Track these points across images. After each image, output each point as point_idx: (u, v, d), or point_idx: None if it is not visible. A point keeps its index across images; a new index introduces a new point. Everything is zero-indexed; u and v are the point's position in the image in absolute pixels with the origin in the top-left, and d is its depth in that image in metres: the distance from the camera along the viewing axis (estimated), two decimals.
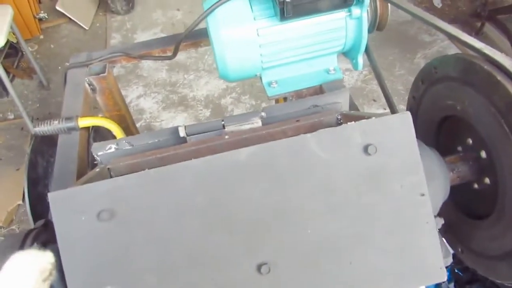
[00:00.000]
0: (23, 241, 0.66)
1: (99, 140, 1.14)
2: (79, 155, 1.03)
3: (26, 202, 1.08)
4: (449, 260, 0.69)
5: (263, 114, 0.82)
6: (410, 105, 1.04)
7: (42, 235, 0.68)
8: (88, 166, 1.05)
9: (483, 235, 0.86)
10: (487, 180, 0.84)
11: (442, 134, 0.98)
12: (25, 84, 3.23)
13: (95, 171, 0.74)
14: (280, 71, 1.12)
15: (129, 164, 0.75)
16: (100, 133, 1.24)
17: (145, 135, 0.84)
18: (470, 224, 0.90)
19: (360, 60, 1.12)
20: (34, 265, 0.51)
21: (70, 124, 1.07)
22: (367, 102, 2.91)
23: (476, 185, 0.87)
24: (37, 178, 1.17)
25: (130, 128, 1.44)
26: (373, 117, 0.66)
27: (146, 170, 0.64)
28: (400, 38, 3.34)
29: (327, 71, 1.14)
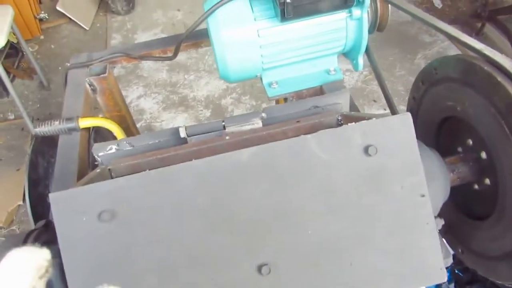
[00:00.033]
0: (24, 242, 0.66)
1: (100, 141, 1.15)
2: (80, 156, 1.03)
3: (27, 203, 1.08)
4: (449, 261, 0.69)
5: (264, 115, 0.82)
6: (411, 106, 1.04)
7: (43, 236, 0.68)
8: (89, 167, 1.05)
9: (483, 236, 0.86)
10: (487, 181, 0.84)
11: (442, 135, 0.98)
12: (26, 85, 3.23)
13: (96, 172, 0.75)
14: (281, 72, 1.12)
15: (130, 165, 0.75)
16: (101, 134, 1.25)
17: (146, 136, 0.84)
18: (470, 225, 0.90)
19: (361, 61, 1.12)
20: (30, 262, 0.51)
21: (71, 125, 1.07)
22: (368, 103, 2.91)
23: (476, 186, 0.88)
24: (38, 179, 1.17)
25: (131, 129, 1.44)
26: (374, 118, 0.66)
27: (147, 171, 0.64)
28: (401, 39, 3.34)
29: (328, 72, 1.14)
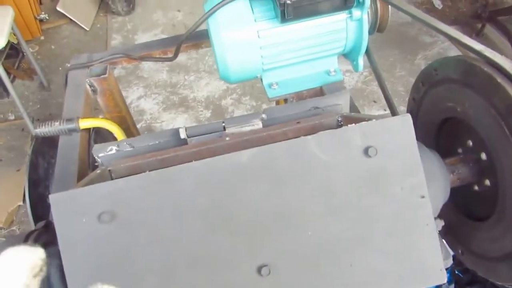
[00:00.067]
0: (24, 242, 0.66)
1: (100, 142, 1.15)
2: (80, 157, 1.03)
3: (27, 203, 1.08)
4: (449, 262, 0.69)
5: (264, 116, 0.82)
6: (411, 107, 1.04)
7: (43, 236, 0.68)
8: (89, 168, 1.06)
9: (483, 237, 0.86)
10: (487, 182, 0.84)
11: (443, 136, 0.98)
12: (26, 85, 3.24)
13: (96, 173, 0.75)
14: (281, 73, 1.12)
15: (130, 166, 0.75)
16: (101, 135, 1.25)
17: (146, 137, 0.84)
18: (470, 226, 0.90)
19: (361, 62, 1.12)
20: (25, 261, 0.51)
21: (71, 126, 1.07)
22: (368, 103, 2.91)
23: (476, 187, 0.88)
24: (38, 179, 1.17)
25: (131, 129, 1.44)
26: (374, 119, 0.66)
27: (147, 172, 0.64)
28: (401, 39, 3.35)
29: (328, 73, 1.14)
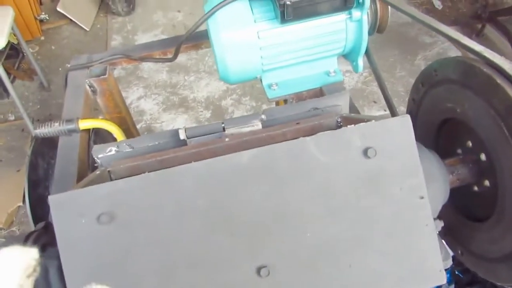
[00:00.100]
0: (24, 243, 0.66)
1: (100, 142, 1.15)
2: (80, 157, 1.03)
3: (27, 204, 1.08)
4: (449, 263, 0.69)
5: (263, 117, 0.82)
6: (410, 108, 1.04)
7: (43, 237, 0.68)
8: (89, 168, 1.06)
9: (483, 238, 0.86)
10: (487, 183, 0.84)
11: (442, 137, 0.98)
12: (26, 86, 3.24)
13: (96, 174, 0.75)
14: (281, 73, 1.12)
15: (130, 167, 0.75)
16: (101, 135, 1.25)
17: (146, 138, 0.84)
18: (470, 227, 0.90)
19: (360, 62, 1.12)
20: (18, 262, 0.51)
21: (71, 126, 1.07)
22: (367, 104, 2.91)
23: (476, 188, 0.87)
24: (38, 180, 1.18)
25: (131, 130, 1.44)
26: (373, 120, 0.66)
27: (147, 173, 0.64)
28: (401, 40, 3.35)
29: (328, 73, 1.14)
